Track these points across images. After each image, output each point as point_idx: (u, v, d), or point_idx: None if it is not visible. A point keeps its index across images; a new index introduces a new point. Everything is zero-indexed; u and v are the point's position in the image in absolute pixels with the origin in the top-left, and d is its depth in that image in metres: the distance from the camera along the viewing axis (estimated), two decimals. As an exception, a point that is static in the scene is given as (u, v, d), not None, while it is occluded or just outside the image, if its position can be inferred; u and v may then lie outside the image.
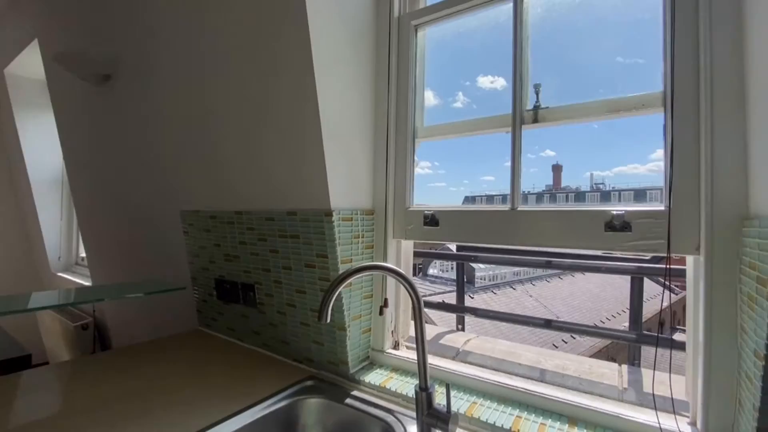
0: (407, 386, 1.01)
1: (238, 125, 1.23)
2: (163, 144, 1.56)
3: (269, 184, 1.20)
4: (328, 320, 0.73)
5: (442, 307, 1.90)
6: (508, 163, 0.99)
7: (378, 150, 1.18)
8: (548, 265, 1.64)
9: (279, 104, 1.08)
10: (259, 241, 1.27)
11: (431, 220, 1.08)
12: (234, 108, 1.22)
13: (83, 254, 2.98)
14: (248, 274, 1.35)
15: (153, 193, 1.70)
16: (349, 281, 0.75)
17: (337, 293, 0.73)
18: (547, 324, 1.63)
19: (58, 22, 2.01)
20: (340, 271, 1.07)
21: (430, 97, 1.21)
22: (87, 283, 2.66)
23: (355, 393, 1.02)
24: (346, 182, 1.09)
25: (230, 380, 1.10)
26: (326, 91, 0.99)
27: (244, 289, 1.37)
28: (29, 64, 2.56)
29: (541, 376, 0.99)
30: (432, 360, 1.07)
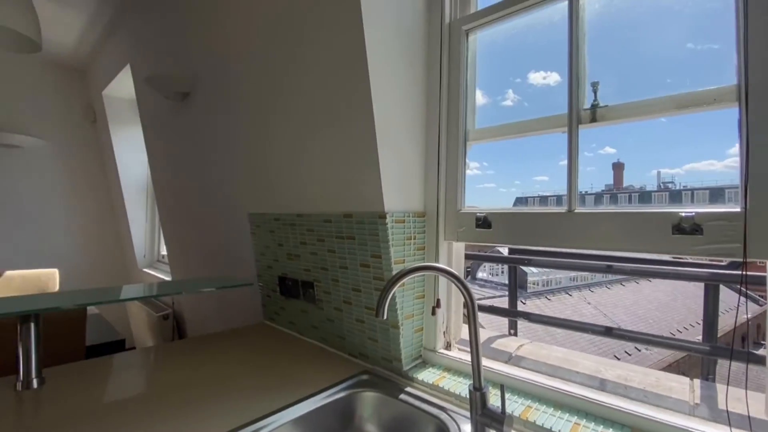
0: (460, 386, 1.01)
1: (298, 133, 1.31)
2: (233, 151, 1.69)
3: (327, 189, 1.27)
4: (385, 317, 0.76)
5: (494, 310, 1.86)
6: (563, 162, 0.96)
7: (429, 153, 1.19)
8: (609, 270, 1.54)
9: (337, 113, 1.14)
10: (317, 242, 1.34)
11: (483, 222, 1.08)
12: (295, 117, 1.30)
13: (164, 252, 3.31)
14: (308, 272, 1.42)
15: (224, 196, 1.86)
16: (403, 281, 0.78)
17: (393, 291, 0.76)
18: (608, 332, 1.53)
19: (147, 49, 2.26)
20: (394, 271, 1.10)
21: (478, 96, 1.21)
22: (167, 278, 2.94)
23: (408, 389, 1.04)
24: (399, 186, 1.12)
25: (291, 370, 1.18)
26: (380, 98, 1.03)
27: (304, 286, 1.45)
28: (122, 86, 2.90)
29: (601, 385, 0.95)
30: (484, 362, 1.06)
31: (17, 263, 2.96)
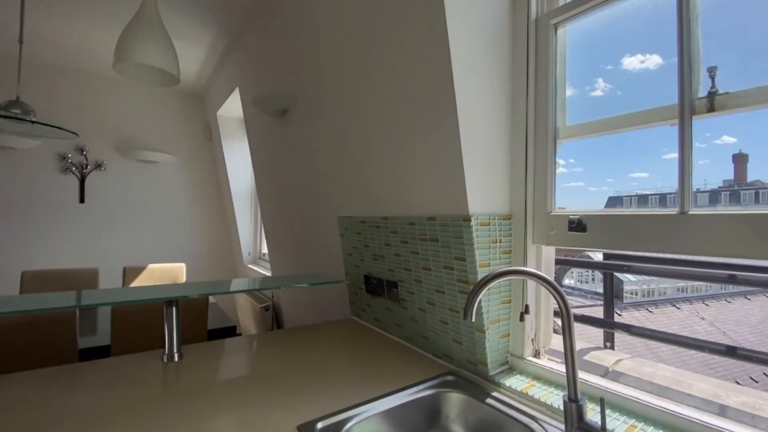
0: (551, 396, 0.95)
1: (382, 140, 1.36)
2: (324, 160, 1.82)
3: (411, 192, 1.29)
4: (473, 319, 0.75)
5: (589, 320, 1.70)
6: (668, 156, 0.85)
7: (516, 154, 1.15)
8: (731, 281, 1.31)
9: (421, 118, 1.16)
10: (401, 244, 1.38)
11: (577, 225, 1.00)
12: (379, 124, 1.35)
13: (264, 251, 3.67)
14: (392, 272, 1.46)
15: (316, 202, 2.00)
16: (490, 285, 0.76)
17: (482, 293, 0.75)
18: (730, 352, 1.31)
19: (252, 74, 2.55)
20: (479, 275, 1.08)
21: (563, 89, 1.12)
22: (268, 273, 3.26)
23: (495, 394, 1.01)
24: (484, 187, 1.10)
25: (377, 365, 1.22)
26: (464, 99, 1.02)
27: (389, 285, 1.49)
28: (232, 107, 3.30)
29: (721, 412, 0.81)
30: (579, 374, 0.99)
31: (156, 258, 3.54)
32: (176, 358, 1.19)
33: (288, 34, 1.93)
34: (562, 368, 0.98)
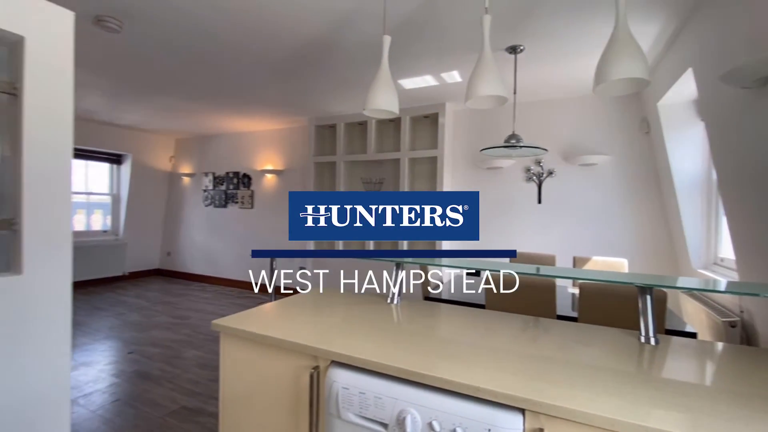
0: None
1: None
2: None
3: None
4: None
5: None
6: None
7: None
8: None
9: None
10: None
11: None
12: None
13: (721, 255, 2.90)
14: None
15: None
16: None
17: None
18: None
19: (715, 47, 2.12)
20: None
21: None
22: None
23: None
24: None
25: None
26: None
27: None
28: (679, 92, 2.88)
29: None
30: None
31: (595, 251, 3.78)
32: (653, 342, 1.25)
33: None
34: None
